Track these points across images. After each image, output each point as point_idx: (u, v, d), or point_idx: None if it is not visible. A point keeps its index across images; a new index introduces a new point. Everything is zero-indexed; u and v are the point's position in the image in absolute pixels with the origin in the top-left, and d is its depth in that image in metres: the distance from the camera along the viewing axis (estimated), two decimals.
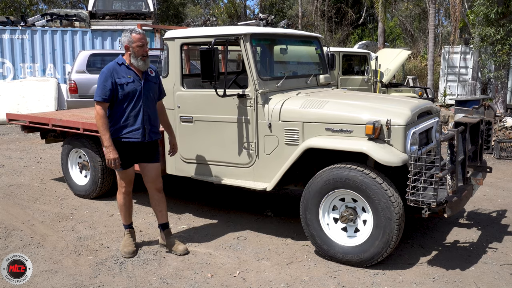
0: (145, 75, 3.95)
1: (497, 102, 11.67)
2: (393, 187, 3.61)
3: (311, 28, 24.38)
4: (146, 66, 3.91)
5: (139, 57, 3.84)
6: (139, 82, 3.89)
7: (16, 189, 6.22)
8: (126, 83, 3.83)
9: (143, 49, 3.84)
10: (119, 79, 3.82)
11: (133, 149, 3.96)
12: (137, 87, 3.87)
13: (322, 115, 3.99)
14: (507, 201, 5.58)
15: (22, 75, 14.16)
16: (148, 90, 3.93)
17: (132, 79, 3.86)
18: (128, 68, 3.88)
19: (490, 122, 4.55)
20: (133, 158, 4.02)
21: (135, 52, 3.83)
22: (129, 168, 4.04)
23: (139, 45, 3.82)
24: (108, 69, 3.84)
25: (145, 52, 3.86)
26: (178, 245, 4.11)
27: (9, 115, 6.51)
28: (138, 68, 3.88)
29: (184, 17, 30.65)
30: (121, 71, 3.86)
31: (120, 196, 4.12)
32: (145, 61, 3.89)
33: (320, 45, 5.34)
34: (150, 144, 4.03)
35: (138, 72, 3.90)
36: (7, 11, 23.77)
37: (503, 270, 3.75)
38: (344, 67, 10.53)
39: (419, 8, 25.22)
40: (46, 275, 3.76)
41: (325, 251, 3.90)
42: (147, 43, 3.92)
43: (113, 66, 3.88)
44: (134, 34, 3.83)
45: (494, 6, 10.56)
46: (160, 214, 4.19)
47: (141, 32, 3.88)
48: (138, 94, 3.86)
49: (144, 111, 3.90)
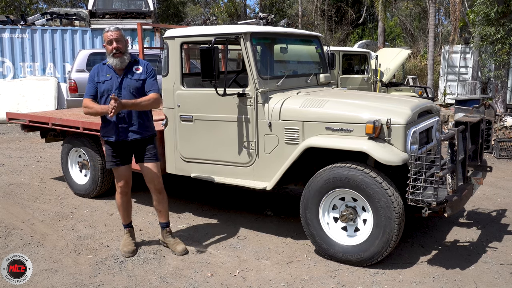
0: (127, 72, 3.89)
1: (497, 102, 11.66)
2: (393, 187, 3.61)
3: (311, 27, 24.38)
4: (121, 64, 3.82)
5: (110, 54, 3.81)
6: (116, 79, 3.86)
7: (16, 188, 6.22)
8: (103, 81, 3.86)
9: (112, 46, 3.78)
10: (98, 77, 3.88)
11: (118, 148, 3.95)
12: (113, 84, 3.85)
13: (322, 114, 3.98)
14: (507, 200, 5.58)
15: (22, 74, 14.15)
16: (125, 88, 3.85)
17: (110, 77, 3.86)
18: (109, 67, 3.89)
19: (490, 122, 4.55)
20: (122, 157, 4.00)
21: (107, 50, 3.84)
22: (121, 166, 4.01)
23: (107, 42, 3.80)
24: (92, 69, 3.96)
25: (115, 49, 3.78)
26: (177, 244, 4.10)
27: (9, 114, 6.51)
28: (114, 66, 3.84)
29: (184, 16, 30.64)
30: (102, 70, 3.91)
31: (118, 196, 4.12)
32: (119, 58, 3.80)
33: (320, 44, 5.34)
34: (134, 143, 3.96)
35: (118, 70, 3.88)
36: (7, 10, 23.75)
37: (503, 270, 3.75)
38: (344, 66, 10.52)
39: (419, 7, 25.22)
40: (46, 274, 3.76)
41: (325, 250, 3.90)
42: (120, 39, 3.80)
43: (97, 67, 3.96)
44: (104, 33, 3.84)
45: (494, 5, 10.55)
46: (160, 214, 4.18)
47: (110, 29, 3.82)
48: (113, 91, 3.82)
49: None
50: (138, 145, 3.99)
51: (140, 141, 3.98)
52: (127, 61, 3.88)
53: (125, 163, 4.04)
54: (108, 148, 3.99)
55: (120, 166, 4.01)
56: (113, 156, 3.98)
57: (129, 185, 4.12)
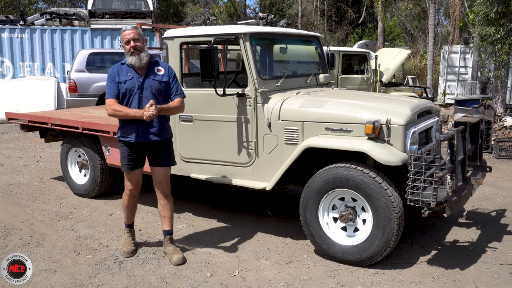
0: (148, 72, 3.84)
1: (496, 102, 11.66)
2: (393, 187, 3.61)
3: (311, 28, 24.38)
4: (140, 62, 3.77)
5: (128, 53, 3.78)
6: (138, 79, 3.81)
7: (15, 188, 6.22)
8: (124, 81, 3.80)
9: (130, 45, 3.74)
10: (118, 77, 3.82)
11: (136, 150, 3.90)
12: (135, 84, 3.80)
13: (322, 114, 3.98)
14: (506, 200, 5.58)
15: (21, 74, 14.14)
16: (147, 88, 3.81)
17: (131, 77, 3.81)
18: (129, 67, 3.84)
19: (490, 122, 4.55)
20: (138, 160, 3.94)
21: (125, 50, 3.81)
22: (136, 169, 3.95)
23: (125, 41, 3.77)
24: (111, 70, 3.88)
25: (133, 47, 3.74)
26: (174, 254, 3.95)
27: (9, 114, 6.50)
28: (133, 65, 3.79)
29: (184, 16, 30.63)
30: (122, 70, 3.84)
31: (125, 198, 4.06)
32: (137, 56, 3.75)
33: (320, 45, 5.34)
34: (153, 146, 3.90)
35: (138, 70, 3.83)
36: (6, 10, 23.75)
37: (503, 270, 3.75)
38: (343, 66, 10.52)
39: (419, 7, 25.22)
40: (46, 274, 3.75)
41: (324, 251, 3.90)
42: (137, 38, 3.76)
43: (117, 66, 3.89)
44: (122, 32, 3.82)
45: (494, 6, 10.55)
46: (164, 220, 4.07)
47: (128, 28, 3.79)
48: (135, 91, 3.79)
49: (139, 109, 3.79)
50: (156, 147, 3.92)
51: (158, 143, 3.91)
52: (145, 59, 3.80)
53: (139, 166, 3.98)
54: (125, 150, 3.90)
55: (135, 170, 3.95)
56: (129, 158, 3.90)
57: (139, 189, 4.06)
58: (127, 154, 3.91)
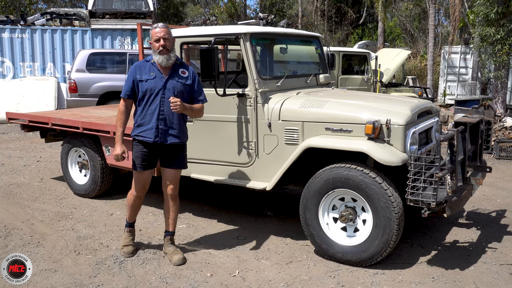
0: (173, 73, 3.79)
1: (496, 102, 11.66)
2: (393, 187, 3.61)
3: (311, 28, 24.38)
4: (167, 61, 3.72)
5: (156, 51, 3.72)
6: (161, 80, 3.75)
7: (15, 188, 6.22)
8: (146, 79, 3.74)
9: (159, 43, 3.69)
10: (140, 75, 3.76)
11: (151, 150, 3.84)
12: (158, 84, 3.74)
13: (322, 114, 3.99)
14: (506, 201, 5.59)
15: (21, 74, 14.14)
16: (170, 89, 3.74)
17: (154, 76, 3.74)
18: (153, 65, 3.79)
19: (490, 122, 4.56)
20: (151, 160, 3.89)
21: (153, 47, 3.75)
22: (146, 170, 3.89)
23: (155, 39, 3.71)
24: (134, 66, 3.85)
25: (162, 46, 3.67)
26: (174, 254, 3.94)
27: (9, 114, 6.50)
28: (160, 63, 3.74)
29: (184, 16, 30.63)
30: (145, 68, 3.79)
31: (131, 197, 4.01)
32: (165, 55, 3.70)
33: (320, 45, 5.34)
34: (169, 148, 3.84)
35: (163, 69, 3.77)
36: (6, 10, 23.76)
37: (502, 270, 3.75)
38: (344, 66, 10.53)
39: (419, 8, 25.22)
40: (46, 274, 3.76)
41: (324, 251, 3.90)
42: (167, 37, 3.71)
43: (140, 63, 3.84)
44: (152, 29, 3.76)
45: (494, 6, 10.55)
46: (167, 222, 4.04)
47: (160, 26, 3.73)
48: (157, 91, 3.73)
49: (160, 109, 3.73)
50: (172, 149, 3.86)
51: (176, 145, 3.86)
52: (173, 59, 3.77)
53: (151, 167, 3.93)
54: (139, 149, 3.84)
55: (146, 170, 3.90)
56: (143, 158, 3.84)
57: (147, 189, 4.02)
58: (141, 154, 3.84)
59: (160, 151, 3.87)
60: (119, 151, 3.80)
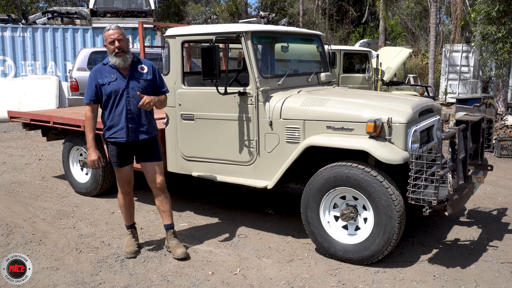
0: (132, 72, 3.83)
1: (498, 101, 11.64)
2: (394, 185, 3.61)
3: (312, 26, 24.36)
4: (124, 63, 3.76)
5: (112, 54, 3.74)
6: (122, 80, 3.79)
7: (17, 186, 6.23)
8: (108, 82, 3.78)
9: (114, 45, 3.71)
10: (101, 79, 3.79)
11: (125, 149, 3.92)
12: (120, 85, 3.78)
13: (323, 113, 3.98)
14: (507, 199, 5.58)
15: (23, 72, 14.17)
16: (134, 88, 3.79)
17: (115, 78, 3.78)
18: (112, 67, 3.81)
19: (491, 121, 4.55)
20: (127, 157, 3.97)
21: (108, 50, 3.77)
22: (124, 167, 3.97)
23: (109, 41, 3.73)
24: (93, 71, 3.87)
25: (118, 48, 3.71)
26: (178, 248, 3.97)
27: (11, 112, 6.52)
28: (117, 66, 3.77)
29: (185, 15, 30.63)
30: (104, 71, 3.82)
31: (120, 197, 4.09)
32: (121, 57, 3.74)
33: (321, 43, 5.34)
34: (143, 143, 3.94)
35: (122, 70, 3.80)
36: (8, 8, 23.78)
37: (504, 268, 3.75)
38: (345, 65, 10.51)
39: (421, 6, 25.19)
40: (48, 272, 3.77)
41: (325, 249, 3.91)
42: (121, 38, 3.74)
43: (98, 68, 3.87)
44: (105, 32, 3.79)
45: (496, 4, 10.52)
46: (164, 215, 4.09)
47: (112, 28, 3.75)
48: (121, 92, 3.78)
49: (127, 109, 3.80)
50: (144, 144, 3.96)
51: (148, 141, 3.95)
52: (130, 59, 3.81)
53: (128, 163, 4.01)
54: (113, 149, 3.92)
55: (124, 166, 3.98)
56: (118, 156, 3.93)
57: (132, 185, 4.09)
58: (116, 153, 3.93)
59: (134, 148, 3.95)
60: (95, 157, 3.87)
